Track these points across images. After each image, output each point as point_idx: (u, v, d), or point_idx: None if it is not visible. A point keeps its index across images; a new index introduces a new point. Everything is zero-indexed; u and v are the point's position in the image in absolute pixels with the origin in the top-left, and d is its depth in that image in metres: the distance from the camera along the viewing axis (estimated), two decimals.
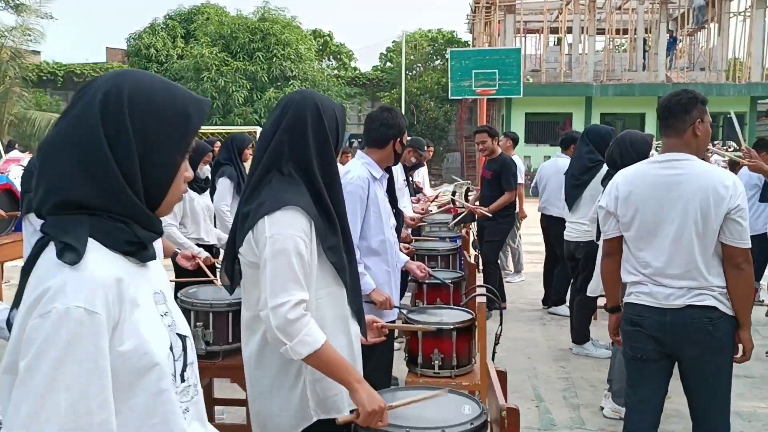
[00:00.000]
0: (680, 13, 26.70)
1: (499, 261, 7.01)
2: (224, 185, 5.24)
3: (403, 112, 20.44)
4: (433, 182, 19.76)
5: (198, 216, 4.66)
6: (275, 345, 1.86)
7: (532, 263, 8.33)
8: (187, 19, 27.67)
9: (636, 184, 2.76)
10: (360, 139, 25.88)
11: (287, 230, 1.86)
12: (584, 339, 5.47)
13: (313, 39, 28.65)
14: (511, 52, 18.68)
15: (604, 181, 4.44)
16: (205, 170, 4.77)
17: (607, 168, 4.37)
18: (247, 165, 5.79)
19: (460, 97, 19.88)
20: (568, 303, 6.73)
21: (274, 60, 23.44)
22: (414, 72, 30.20)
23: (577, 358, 5.37)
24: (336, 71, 30.97)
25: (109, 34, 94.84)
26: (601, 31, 26.17)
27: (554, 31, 29.18)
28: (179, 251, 3.89)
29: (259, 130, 20.25)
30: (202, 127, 13.15)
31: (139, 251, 1.21)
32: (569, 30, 25.88)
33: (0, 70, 23.92)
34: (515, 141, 7.89)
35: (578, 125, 24.18)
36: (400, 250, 3.76)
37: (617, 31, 26.97)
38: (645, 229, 2.72)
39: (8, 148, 19.28)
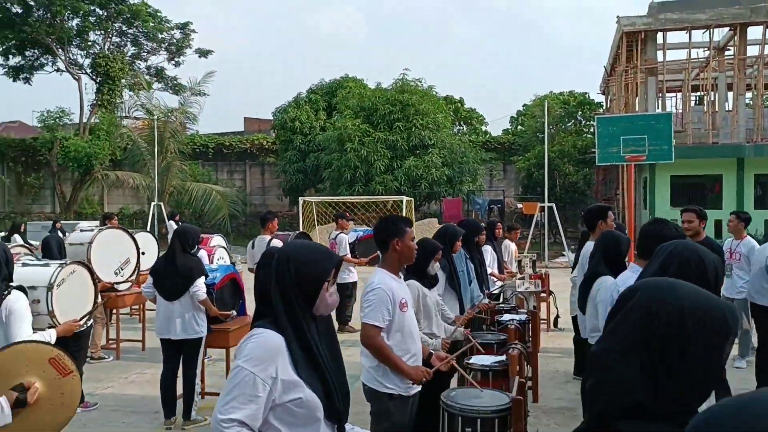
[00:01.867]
0: None
1: None
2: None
3: (546, 177, 20.26)
4: (572, 246, 19.41)
5: (430, 311, 4.86)
6: None
7: None
8: (328, 92, 29.15)
9: None
10: (498, 205, 25.90)
11: None
12: None
13: (446, 105, 29.33)
14: (660, 117, 18.24)
15: None
16: (435, 267, 4.99)
17: None
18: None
19: (608, 164, 19.53)
20: None
21: (413, 129, 24.13)
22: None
23: None
24: (468, 136, 31.41)
25: (246, 104, 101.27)
26: (747, 87, 25.07)
27: (695, 88, 28.26)
28: (433, 352, 4.08)
29: (404, 199, 20.76)
30: (346, 196, 13.72)
31: None
32: (713, 87, 24.99)
33: (163, 147, 26.06)
34: (747, 222, 7.53)
35: (729, 188, 23.06)
36: None
37: (766, 86, 25.70)
38: None
39: (169, 218, 20.97)
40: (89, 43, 33.92)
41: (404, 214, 20.02)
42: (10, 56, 33.37)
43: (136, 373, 7.60)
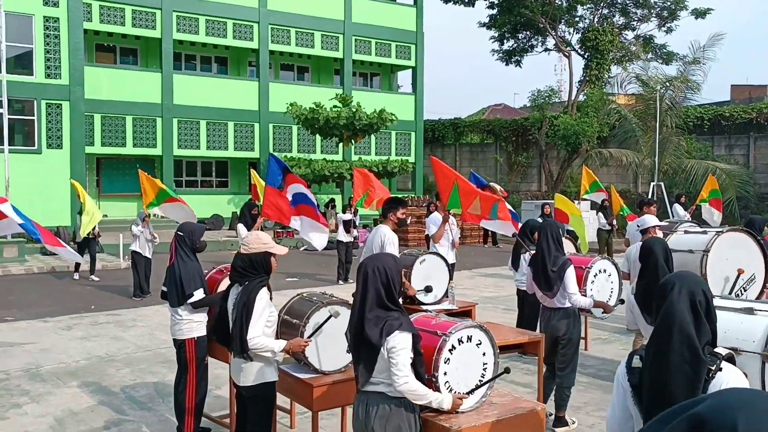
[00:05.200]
0: None
1: None
2: None
3: None
4: None
5: None
6: None
7: None
8: None
9: None
10: None
11: None
12: None
13: None
14: None
15: None
16: None
17: None
18: None
19: None
20: None
21: None
22: None
23: None
24: None
25: (733, 70, 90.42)
26: None
27: None
28: None
29: None
30: None
31: None
32: None
33: (658, 120, 23.60)
34: None
35: None
36: None
37: None
38: None
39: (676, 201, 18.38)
40: (576, 19, 33.31)
41: None
42: (504, 41, 34.91)
43: None
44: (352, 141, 24.85)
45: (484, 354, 3.66)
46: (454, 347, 3.53)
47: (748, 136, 29.71)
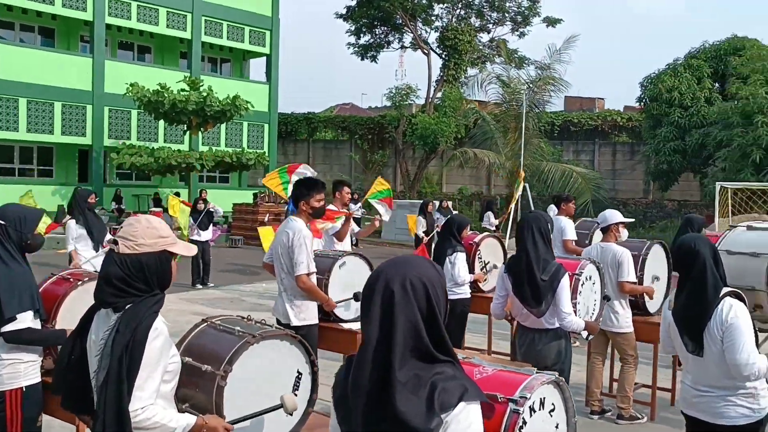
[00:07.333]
0: None
1: None
2: None
3: None
4: None
5: None
6: None
7: None
8: (714, 57, 24.20)
9: None
10: None
11: None
12: None
13: None
14: None
15: None
16: None
17: None
18: None
19: None
20: None
21: None
22: None
23: None
24: None
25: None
26: None
27: None
28: None
29: None
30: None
31: None
32: None
33: (524, 122, 23.54)
34: None
35: None
36: None
37: None
38: None
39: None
40: (433, 18, 33.04)
41: None
42: (361, 35, 33.86)
43: None
44: (201, 129, 22.51)
45: (557, 426, 2.21)
46: (525, 421, 2.03)
47: (593, 143, 30.97)
